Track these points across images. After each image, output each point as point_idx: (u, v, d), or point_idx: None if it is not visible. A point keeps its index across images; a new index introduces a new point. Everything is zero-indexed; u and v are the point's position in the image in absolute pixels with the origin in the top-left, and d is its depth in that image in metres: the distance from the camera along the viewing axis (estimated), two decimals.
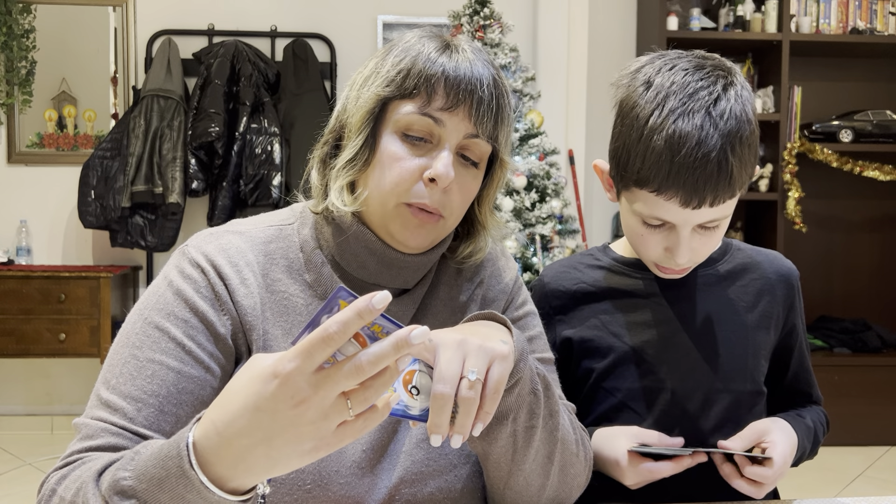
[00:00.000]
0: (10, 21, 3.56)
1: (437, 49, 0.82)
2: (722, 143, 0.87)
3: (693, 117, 0.88)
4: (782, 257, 1.11)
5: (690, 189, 0.88)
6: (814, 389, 1.14)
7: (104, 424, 0.74)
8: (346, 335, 0.53)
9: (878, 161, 3.63)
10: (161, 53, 3.54)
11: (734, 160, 0.88)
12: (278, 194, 3.36)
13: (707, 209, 0.90)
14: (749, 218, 3.80)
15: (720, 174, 0.88)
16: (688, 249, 0.94)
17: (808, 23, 3.59)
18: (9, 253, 3.56)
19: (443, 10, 3.52)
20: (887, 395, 3.46)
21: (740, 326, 1.04)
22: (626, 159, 0.93)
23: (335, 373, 0.54)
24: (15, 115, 3.65)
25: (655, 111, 0.89)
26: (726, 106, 0.89)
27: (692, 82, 0.90)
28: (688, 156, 0.87)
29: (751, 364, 1.04)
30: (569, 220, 3.26)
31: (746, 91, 0.93)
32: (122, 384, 0.76)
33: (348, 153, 0.84)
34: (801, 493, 2.72)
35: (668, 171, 0.88)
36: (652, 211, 0.93)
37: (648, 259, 1.01)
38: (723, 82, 0.91)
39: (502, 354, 0.68)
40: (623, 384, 1.04)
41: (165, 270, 0.84)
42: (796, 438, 0.99)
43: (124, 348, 0.78)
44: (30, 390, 3.67)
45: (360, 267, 0.85)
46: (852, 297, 3.89)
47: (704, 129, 0.87)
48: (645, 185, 0.91)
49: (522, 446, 0.79)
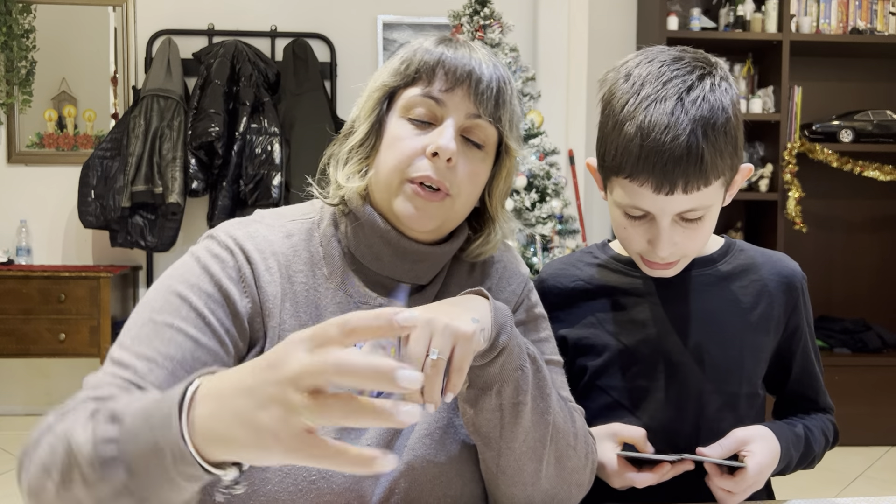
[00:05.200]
0: (9, 21, 3.56)
1: (436, 42, 0.87)
2: (692, 127, 0.87)
3: (665, 103, 0.88)
4: (787, 259, 1.09)
5: (660, 174, 0.88)
6: (821, 396, 1.11)
7: (112, 378, 0.74)
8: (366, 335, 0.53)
9: (879, 161, 3.63)
10: (161, 53, 3.54)
11: (706, 145, 0.88)
12: (278, 194, 3.36)
13: (681, 196, 0.89)
14: (749, 218, 3.80)
15: (689, 158, 0.87)
16: (669, 241, 0.93)
17: (808, 23, 3.59)
18: (9, 253, 3.56)
19: (443, 9, 3.52)
20: (887, 396, 3.45)
21: (737, 328, 1.03)
22: (604, 149, 0.94)
23: (331, 408, 0.51)
24: (15, 115, 3.65)
25: (630, 99, 0.90)
26: (700, 93, 0.89)
27: (668, 72, 0.90)
28: (657, 140, 0.87)
29: (747, 366, 1.03)
30: (569, 220, 3.26)
31: (727, 83, 0.92)
32: (137, 345, 0.76)
33: (356, 138, 0.88)
34: (800, 493, 2.71)
35: (638, 156, 0.88)
36: (629, 200, 0.92)
37: (633, 252, 1.00)
38: (699, 72, 0.91)
39: (465, 335, 0.69)
40: (616, 383, 1.03)
41: (193, 249, 0.85)
42: (779, 448, 0.98)
43: (143, 313, 0.79)
44: (29, 390, 3.67)
45: (374, 259, 0.87)
46: (852, 297, 3.88)
47: (675, 115, 0.87)
48: (620, 173, 0.91)
49: (510, 422, 0.80)
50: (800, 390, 1.10)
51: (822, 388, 1.11)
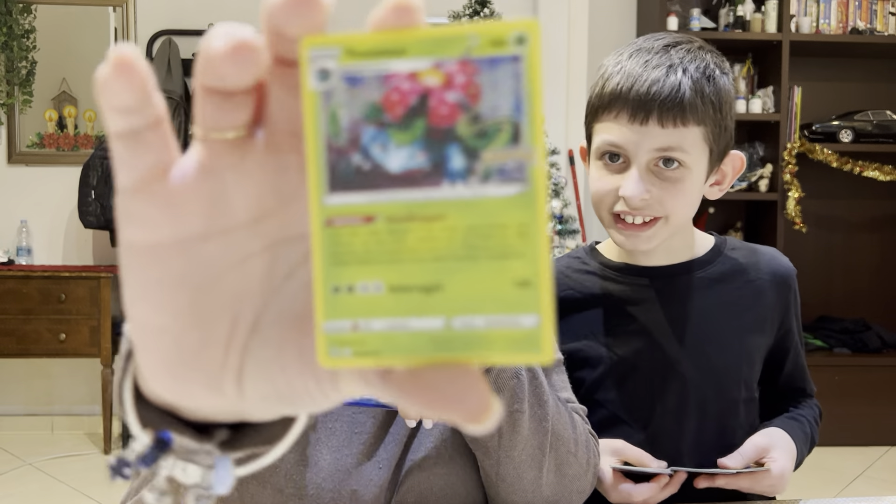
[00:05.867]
0: (10, 21, 3.56)
1: None
2: (676, 64, 0.90)
3: (654, 54, 0.92)
4: (779, 255, 1.08)
5: (636, 101, 0.89)
6: (807, 384, 1.11)
7: None
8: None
9: (878, 161, 3.63)
10: (161, 53, 3.54)
11: (688, 82, 0.89)
12: None
13: (657, 128, 0.89)
14: (749, 218, 3.80)
15: (666, 86, 0.88)
16: (637, 183, 0.90)
17: (808, 23, 3.59)
18: (9, 253, 3.56)
19: (443, 9, 3.52)
20: (887, 396, 3.45)
21: (734, 332, 1.02)
22: (589, 103, 0.96)
23: None
24: (15, 116, 3.65)
25: (618, 57, 0.94)
26: (695, 54, 0.92)
27: (657, 43, 0.94)
28: (638, 73, 0.90)
29: (745, 371, 1.02)
30: (569, 220, 3.26)
31: (720, 59, 0.95)
32: None
33: None
34: (800, 493, 2.71)
35: (620, 87, 0.90)
36: (605, 137, 0.93)
37: (607, 217, 0.97)
38: (698, 44, 0.94)
39: None
40: (613, 396, 1.01)
41: None
42: (796, 451, 0.98)
43: None
44: (30, 390, 3.67)
45: None
46: (852, 297, 3.88)
47: (660, 55, 0.91)
48: (598, 112, 0.93)
49: (507, 431, 0.80)
50: (791, 382, 1.10)
51: (808, 375, 1.11)
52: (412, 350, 0.24)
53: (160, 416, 0.30)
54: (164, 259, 0.26)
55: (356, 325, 0.25)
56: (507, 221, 0.23)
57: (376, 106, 0.24)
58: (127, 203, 0.26)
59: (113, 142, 0.25)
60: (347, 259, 0.25)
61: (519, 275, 0.23)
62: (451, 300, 0.24)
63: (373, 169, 0.24)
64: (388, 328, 0.24)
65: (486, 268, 0.24)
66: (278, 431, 0.32)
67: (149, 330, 0.27)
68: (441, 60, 0.24)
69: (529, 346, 0.24)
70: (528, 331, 0.23)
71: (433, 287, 0.24)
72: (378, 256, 0.24)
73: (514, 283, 0.23)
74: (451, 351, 0.24)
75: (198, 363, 0.27)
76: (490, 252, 0.24)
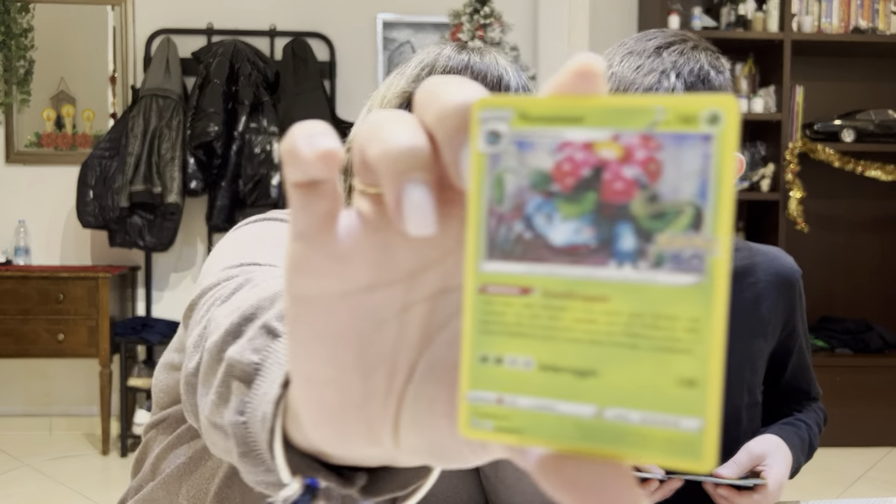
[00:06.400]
0: (8, 20, 3.54)
1: (458, 48, 0.84)
2: (669, 69, 0.90)
3: (643, 59, 0.92)
4: (782, 255, 1.06)
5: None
6: (812, 386, 1.10)
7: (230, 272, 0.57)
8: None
9: (881, 161, 3.62)
10: (160, 53, 3.53)
11: (682, 87, 0.89)
12: (277, 194, 3.35)
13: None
14: (750, 218, 3.79)
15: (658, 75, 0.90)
16: None
17: (809, 22, 3.58)
18: (7, 253, 3.55)
19: (443, 8, 3.50)
20: (889, 396, 3.44)
21: (738, 336, 1.01)
22: None
23: None
24: (13, 115, 3.64)
25: (605, 61, 0.94)
26: (693, 54, 0.92)
27: (649, 45, 0.93)
28: (633, 80, 0.90)
29: (747, 376, 1.01)
30: None
31: (715, 57, 0.94)
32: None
33: None
34: (802, 494, 2.70)
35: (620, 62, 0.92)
36: None
37: None
38: (693, 43, 0.93)
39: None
40: None
41: (228, 236, 0.73)
42: (791, 458, 0.97)
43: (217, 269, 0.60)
44: (28, 391, 3.66)
45: None
46: (854, 297, 3.87)
47: (652, 59, 0.91)
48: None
49: None
50: (794, 384, 1.09)
51: (814, 377, 1.10)
52: (557, 435, 0.23)
53: (305, 461, 0.30)
54: (332, 311, 0.26)
55: (501, 399, 0.23)
56: (678, 313, 0.22)
57: (546, 174, 0.23)
58: (299, 251, 0.26)
59: (291, 191, 0.25)
60: (498, 329, 0.23)
61: (684, 372, 0.22)
62: (605, 388, 0.22)
63: (535, 239, 0.23)
64: (534, 407, 0.23)
65: (647, 359, 0.22)
66: (413, 476, 0.32)
67: (314, 383, 0.27)
68: (621, 132, 0.22)
69: (689, 451, 0.21)
70: (689, 434, 0.21)
71: (587, 372, 0.23)
72: (531, 331, 0.23)
73: (678, 380, 0.22)
74: (599, 443, 0.22)
75: (360, 414, 0.27)
76: (654, 343, 0.22)
